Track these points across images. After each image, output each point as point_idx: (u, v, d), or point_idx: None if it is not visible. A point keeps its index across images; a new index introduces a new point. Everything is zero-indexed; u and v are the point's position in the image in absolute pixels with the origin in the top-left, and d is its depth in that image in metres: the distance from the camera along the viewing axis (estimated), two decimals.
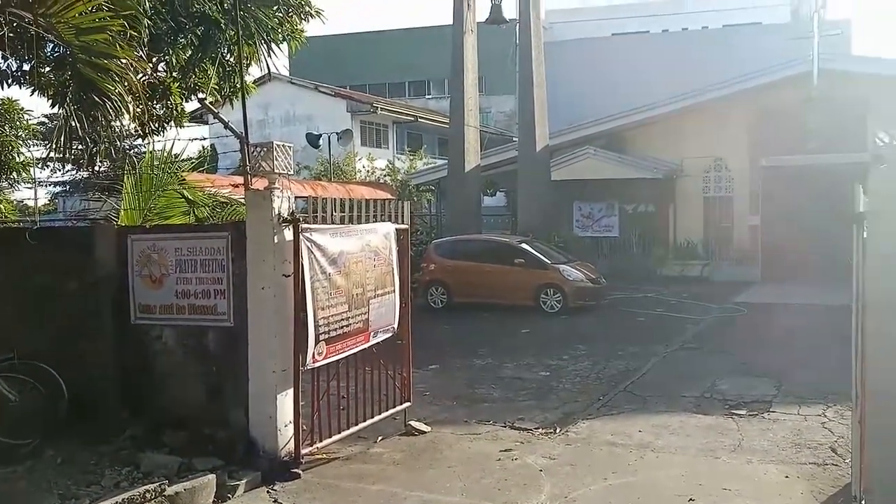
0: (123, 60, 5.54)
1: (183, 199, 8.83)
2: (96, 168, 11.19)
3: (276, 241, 6.36)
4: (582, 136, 22.70)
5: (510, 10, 20.99)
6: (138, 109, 8.08)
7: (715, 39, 36.25)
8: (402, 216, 8.37)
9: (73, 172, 18.02)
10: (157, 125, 9.35)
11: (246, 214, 6.60)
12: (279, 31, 9.77)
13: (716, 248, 21.58)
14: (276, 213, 6.36)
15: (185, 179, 9.43)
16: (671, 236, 22.18)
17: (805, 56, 20.69)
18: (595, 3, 47.59)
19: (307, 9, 10.57)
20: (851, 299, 5.06)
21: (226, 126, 8.96)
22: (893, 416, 4.63)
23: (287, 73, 23.98)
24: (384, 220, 7.94)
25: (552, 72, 22.62)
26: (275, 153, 6.48)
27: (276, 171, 6.52)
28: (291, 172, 6.79)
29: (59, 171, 17.09)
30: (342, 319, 6.73)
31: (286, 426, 6.40)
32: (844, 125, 19.41)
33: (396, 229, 7.94)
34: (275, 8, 8.22)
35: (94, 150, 7.49)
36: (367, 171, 25.87)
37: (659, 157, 21.86)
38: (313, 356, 6.38)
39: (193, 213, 8.78)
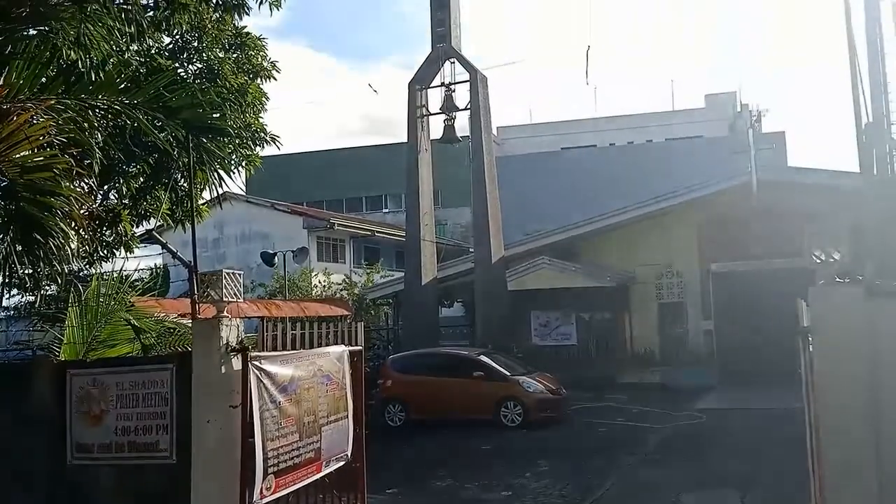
0: (69, 195, 5.52)
1: (129, 327, 8.63)
2: (42, 293, 10.96)
3: (223, 371, 6.20)
4: (537, 247, 23.11)
5: (463, 121, 21.66)
6: (86, 236, 8.03)
7: (659, 152, 37.95)
8: (356, 337, 8.28)
9: (18, 297, 17.51)
10: (105, 252, 9.25)
11: (192, 345, 6.45)
12: (234, 156, 9.96)
13: (672, 354, 21.72)
14: (224, 342, 6.23)
15: (132, 305, 9.25)
16: (628, 343, 22.31)
17: (745, 167, 21.72)
18: (544, 119, 49.79)
19: (263, 135, 10.87)
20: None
21: (174, 255, 8.93)
22: None
23: (243, 192, 24.21)
24: (338, 343, 7.83)
25: (506, 184, 23.28)
26: (223, 281, 6.42)
27: (224, 299, 6.44)
28: (241, 300, 6.72)
29: (2, 296, 16.58)
30: (293, 450, 6.48)
31: None
32: (786, 232, 20.15)
33: (350, 351, 7.83)
34: (228, 140, 8.37)
35: (40, 274, 7.33)
36: (324, 287, 25.78)
37: (612, 264, 22.30)
38: (261, 491, 6.08)
39: (140, 340, 8.56)
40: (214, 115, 7.40)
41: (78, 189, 7.10)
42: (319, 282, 25.97)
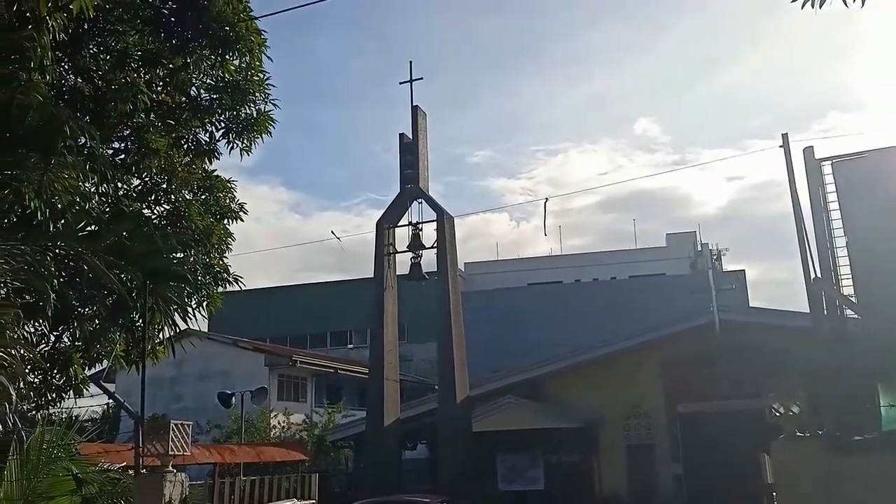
0: (12, 347, 5.36)
1: (71, 477, 8.17)
2: None
3: None
4: (502, 386, 22.80)
5: (430, 257, 21.84)
6: (34, 382, 7.76)
7: (623, 289, 38.59)
8: (310, 489, 7.97)
9: None
10: (54, 395, 8.91)
11: (133, 502, 6.11)
12: (194, 297, 9.88)
13: (642, 499, 21.06)
14: (167, 500, 5.93)
15: (77, 453, 8.81)
16: (596, 487, 21.63)
17: (707, 305, 22.07)
18: (510, 255, 50.79)
19: (225, 275, 10.84)
20: None
21: (120, 405, 8.63)
22: None
23: (203, 330, 23.83)
24: (289, 496, 7.52)
25: (472, 319, 23.22)
26: (171, 433, 6.19)
27: (170, 452, 6.19)
28: (188, 452, 6.45)
29: None
30: None
31: None
32: (751, 371, 20.23)
33: None
34: (184, 285, 8.32)
35: None
36: (283, 427, 24.92)
37: (579, 405, 21.97)
38: None
39: (81, 492, 8.08)
40: (174, 262, 7.39)
41: (28, 334, 6.94)
42: (279, 422, 25.14)
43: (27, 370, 6.41)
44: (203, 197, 11.11)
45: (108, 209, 8.70)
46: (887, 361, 6.96)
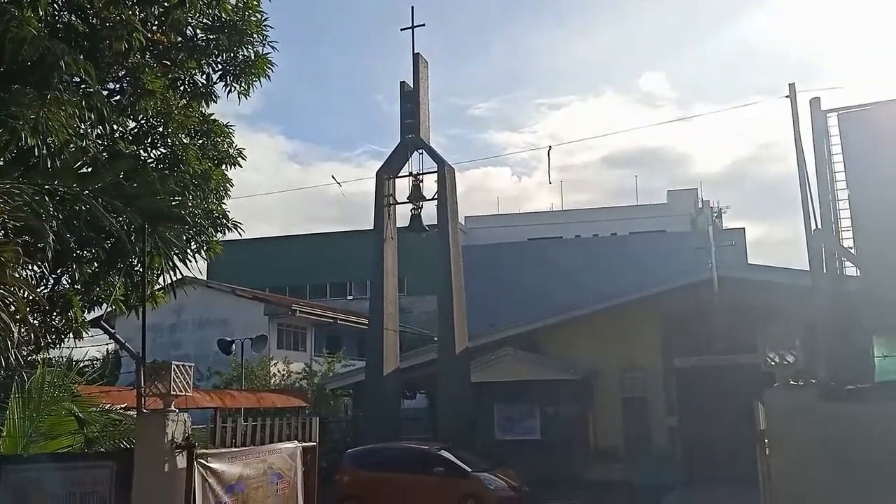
0: (13, 285, 5.35)
1: (73, 418, 8.27)
2: None
3: (167, 469, 5.94)
4: (501, 338, 22.98)
5: (430, 210, 21.79)
6: (34, 323, 7.79)
7: (623, 245, 38.60)
8: (311, 432, 8.04)
9: None
10: (54, 338, 8.95)
11: (135, 441, 6.19)
12: (192, 243, 9.85)
13: (637, 450, 21.40)
14: (170, 438, 5.99)
15: (78, 394, 8.91)
16: (592, 438, 21.98)
17: (706, 262, 22.11)
18: (511, 210, 50.65)
19: (224, 221, 10.80)
20: None
21: (121, 346, 8.69)
22: None
23: (203, 277, 23.88)
24: (291, 438, 7.60)
25: (471, 273, 23.29)
26: (172, 373, 6.22)
27: (172, 392, 6.23)
28: (190, 392, 6.50)
29: None
30: None
31: None
32: (747, 328, 20.35)
33: (303, 447, 7.60)
34: (187, 227, 8.29)
35: None
36: (283, 375, 25.19)
37: (576, 358, 22.17)
38: None
39: (83, 432, 8.19)
40: (173, 203, 7.34)
41: (27, 275, 6.93)
42: (278, 370, 25.39)
43: (28, 311, 6.41)
44: (200, 141, 10.96)
45: (104, 151, 8.60)
46: (884, 313, 6.97)
